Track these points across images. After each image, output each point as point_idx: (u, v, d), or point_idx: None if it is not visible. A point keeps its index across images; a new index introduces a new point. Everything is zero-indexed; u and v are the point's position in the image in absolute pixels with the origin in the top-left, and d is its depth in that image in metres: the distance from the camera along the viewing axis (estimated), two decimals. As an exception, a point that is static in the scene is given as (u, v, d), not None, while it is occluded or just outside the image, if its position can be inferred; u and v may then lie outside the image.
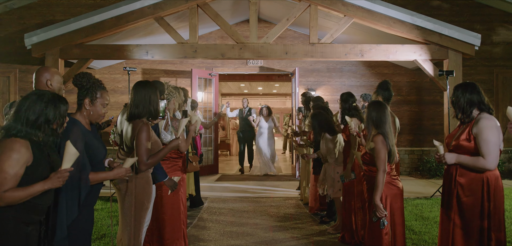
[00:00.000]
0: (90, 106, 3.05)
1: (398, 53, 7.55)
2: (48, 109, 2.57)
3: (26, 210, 2.50)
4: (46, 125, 2.56)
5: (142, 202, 3.43)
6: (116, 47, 7.69)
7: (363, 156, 3.82)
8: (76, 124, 2.97)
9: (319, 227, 5.87)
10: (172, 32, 7.50)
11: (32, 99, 2.57)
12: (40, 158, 2.53)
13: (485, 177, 3.26)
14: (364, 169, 3.86)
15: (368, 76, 10.98)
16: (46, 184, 2.47)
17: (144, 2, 7.32)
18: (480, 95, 3.38)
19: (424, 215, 6.32)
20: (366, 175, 3.82)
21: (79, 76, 3.06)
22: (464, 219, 3.33)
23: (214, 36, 11.05)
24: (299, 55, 7.60)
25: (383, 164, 3.51)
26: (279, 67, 11.08)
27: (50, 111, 2.57)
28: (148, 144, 3.32)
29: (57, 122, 2.62)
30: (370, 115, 3.67)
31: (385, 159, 3.52)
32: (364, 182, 3.89)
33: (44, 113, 2.55)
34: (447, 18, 9.31)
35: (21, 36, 7.93)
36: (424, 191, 8.38)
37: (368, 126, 3.76)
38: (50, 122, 2.57)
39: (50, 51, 7.46)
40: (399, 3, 8.14)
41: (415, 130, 10.89)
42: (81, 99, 3.06)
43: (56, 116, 2.60)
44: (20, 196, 2.41)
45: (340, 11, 7.43)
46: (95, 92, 3.05)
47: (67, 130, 2.86)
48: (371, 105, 3.75)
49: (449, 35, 7.34)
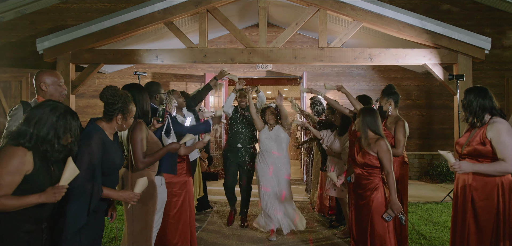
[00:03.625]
0: (123, 121, 3.07)
1: (408, 57, 7.52)
2: (58, 124, 2.57)
3: (23, 219, 2.51)
4: (56, 139, 2.57)
5: (145, 204, 3.41)
6: (126, 51, 7.76)
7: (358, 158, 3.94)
8: (98, 132, 2.98)
9: (328, 232, 5.87)
10: (181, 37, 7.55)
11: (45, 111, 2.58)
12: (41, 169, 2.54)
13: (500, 181, 3.25)
14: (359, 172, 3.91)
15: (377, 80, 10.95)
16: (41, 198, 2.47)
17: (154, 7, 7.38)
18: (491, 100, 3.39)
19: (434, 220, 6.28)
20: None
21: (110, 93, 3.04)
22: (479, 224, 3.32)
23: (223, 40, 11.10)
24: (308, 60, 7.61)
25: (391, 165, 3.73)
26: (288, 71, 11.10)
27: (60, 127, 2.58)
28: (143, 141, 3.35)
29: (68, 138, 2.63)
30: (365, 120, 3.86)
31: (392, 161, 3.75)
32: (361, 183, 3.94)
33: (53, 128, 2.56)
34: (457, 22, 9.27)
35: (33, 41, 8.03)
36: (434, 195, 8.33)
37: (364, 131, 3.87)
38: (60, 138, 2.58)
39: (62, 55, 7.54)
40: (408, 7, 8.13)
41: (425, 135, 10.83)
42: (111, 113, 3.03)
43: (66, 131, 2.61)
44: (13, 204, 2.41)
45: (349, 15, 7.43)
46: (127, 109, 3.07)
47: (89, 136, 2.89)
48: (365, 111, 3.92)
49: (459, 39, 7.30)
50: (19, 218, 2.48)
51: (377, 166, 3.82)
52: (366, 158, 3.82)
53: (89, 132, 2.91)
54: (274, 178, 5.64)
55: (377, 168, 3.83)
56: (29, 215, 2.52)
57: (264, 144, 5.70)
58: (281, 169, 5.64)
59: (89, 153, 2.86)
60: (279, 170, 5.64)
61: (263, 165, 5.69)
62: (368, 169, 3.85)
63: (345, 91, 5.06)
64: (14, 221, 2.47)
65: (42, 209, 2.57)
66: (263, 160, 5.69)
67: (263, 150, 5.71)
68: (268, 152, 5.65)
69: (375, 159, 3.79)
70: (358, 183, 3.95)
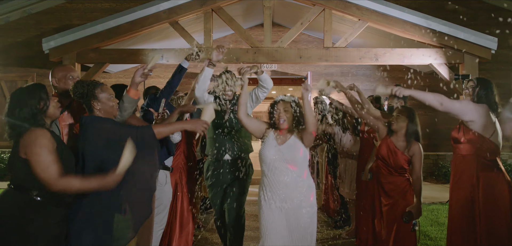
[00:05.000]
0: (99, 104, 2.96)
1: (413, 57, 7.50)
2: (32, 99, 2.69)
3: (50, 215, 2.62)
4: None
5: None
6: (131, 51, 7.78)
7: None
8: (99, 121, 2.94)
9: (333, 232, 5.86)
10: (187, 37, 7.56)
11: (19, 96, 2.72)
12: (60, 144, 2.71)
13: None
14: (385, 171, 3.88)
15: (382, 80, 10.91)
16: (103, 181, 2.62)
17: (159, 7, 7.40)
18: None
19: (439, 221, 6.26)
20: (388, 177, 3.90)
21: (74, 88, 2.99)
22: (493, 224, 3.35)
23: (228, 40, 11.11)
24: (313, 59, 7.60)
25: (421, 170, 3.80)
26: (293, 71, 11.09)
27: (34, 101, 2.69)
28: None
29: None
30: (412, 122, 3.93)
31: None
32: (387, 183, 3.93)
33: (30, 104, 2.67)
34: (463, 22, 9.18)
35: (38, 40, 8.06)
36: (439, 196, 8.29)
37: (407, 132, 3.92)
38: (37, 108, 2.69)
39: (67, 55, 7.58)
40: (413, 7, 8.08)
41: (430, 135, 10.76)
42: (88, 105, 2.97)
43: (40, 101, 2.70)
44: (77, 187, 2.58)
45: (354, 15, 7.42)
46: (94, 91, 2.96)
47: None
48: (411, 113, 3.97)
49: (465, 39, 7.27)
50: (48, 210, 2.58)
51: (406, 168, 3.85)
52: (398, 160, 3.83)
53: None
54: (289, 232, 3.37)
55: (406, 170, 3.86)
56: (57, 209, 2.63)
57: (270, 166, 3.38)
58: (300, 213, 3.34)
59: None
60: (297, 214, 3.33)
61: (269, 209, 3.36)
62: (399, 170, 3.87)
63: (358, 90, 4.96)
64: (42, 215, 2.57)
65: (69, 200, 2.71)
66: (270, 196, 3.37)
67: (269, 176, 3.38)
68: (278, 181, 3.33)
69: (406, 162, 3.82)
70: (384, 184, 3.94)
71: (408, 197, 3.83)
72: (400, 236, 3.77)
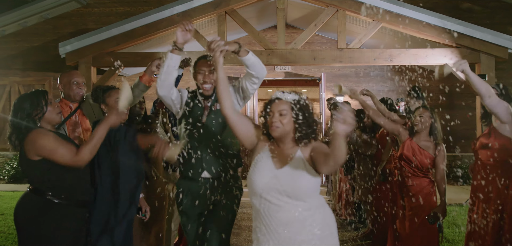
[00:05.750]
0: (106, 108, 3.20)
1: (428, 57, 7.42)
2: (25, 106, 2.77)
3: (69, 214, 2.69)
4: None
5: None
6: (146, 54, 7.85)
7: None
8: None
9: (349, 234, 5.82)
10: (200, 39, 7.60)
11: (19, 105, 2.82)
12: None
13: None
14: (409, 172, 3.86)
15: (396, 81, 10.83)
16: (107, 122, 2.77)
17: (173, 10, 7.46)
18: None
19: (456, 223, 6.18)
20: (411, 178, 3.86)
21: (92, 93, 3.22)
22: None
23: (242, 42, 10.91)
24: (327, 61, 7.58)
25: (444, 170, 3.74)
26: (306, 73, 11.07)
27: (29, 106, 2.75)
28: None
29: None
30: (435, 121, 3.91)
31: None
32: (411, 185, 3.89)
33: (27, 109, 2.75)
34: (479, 21, 9.09)
35: (55, 45, 8.19)
36: (456, 198, 8.19)
37: (433, 131, 3.89)
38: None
39: (83, 59, 7.68)
40: (428, 7, 8.00)
41: (446, 136, 10.65)
42: (101, 109, 3.24)
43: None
44: (89, 148, 2.67)
45: (368, 15, 7.38)
46: (103, 95, 3.20)
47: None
48: (433, 112, 3.95)
49: (481, 38, 7.18)
50: (65, 211, 2.65)
51: (429, 168, 3.81)
52: (423, 160, 3.79)
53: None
54: None
55: (429, 170, 3.83)
56: (75, 210, 2.70)
57: (262, 199, 2.34)
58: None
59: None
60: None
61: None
62: (424, 171, 3.83)
63: (370, 94, 4.95)
64: (61, 213, 2.64)
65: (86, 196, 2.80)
66: (264, 243, 2.33)
67: (262, 212, 2.34)
68: (274, 219, 2.29)
69: (431, 162, 3.78)
70: (408, 186, 3.90)
71: (432, 198, 3.79)
72: (424, 237, 3.74)
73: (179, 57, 2.91)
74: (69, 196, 2.65)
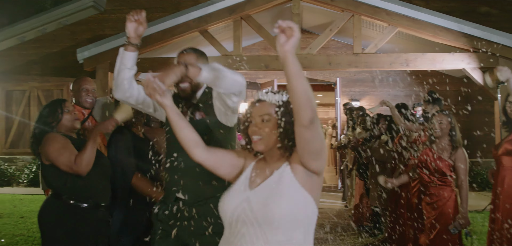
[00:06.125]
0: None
1: (445, 62, 7.34)
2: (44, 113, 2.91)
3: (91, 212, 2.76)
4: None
5: None
6: (162, 60, 7.91)
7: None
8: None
9: (365, 240, 5.79)
10: (216, 45, 7.64)
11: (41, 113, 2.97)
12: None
13: None
14: (428, 179, 3.80)
15: (413, 85, 10.75)
16: (97, 129, 2.86)
17: (189, 16, 7.51)
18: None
19: (475, 229, 6.09)
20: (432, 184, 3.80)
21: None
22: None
23: (257, 47, 11.17)
24: (342, 66, 7.55)
25: (466, 176, 3.62)
26: (322, 78, 11.04)
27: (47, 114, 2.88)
28: None
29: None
30: (454, 126, 3.83)
31: (467, 172, 3.65)
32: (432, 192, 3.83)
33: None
34: (497, 25, 8.97)
35: (73, 51, 8.31)
36: (474, 204, 8.04)
37: (452, 136, 3.82)
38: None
39: (101, 65, 7.78)
40: (445, 11, 7.93)
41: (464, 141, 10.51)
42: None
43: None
44: (86, 157, 2.67)
45: (384, 20, 7.33)
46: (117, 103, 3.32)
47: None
48: (452, 117, 3.88)
49: (499, 42, 7.08)
50: (83, 214, 2.70)
51: (449, 175, 3.72)
52: (441, 166, 3.72)
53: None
54: None
55: (448, 177, 3.73)
56: (94, 212, 2.74)
57: (231, 225, 1.75)
58: None
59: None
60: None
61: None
62: (442, 178, 3.74)
63: (390, 105, 4.95)
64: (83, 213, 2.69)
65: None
66: None
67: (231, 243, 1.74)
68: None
69: (450, 168, 3.70)
70: (428, 195, 3.83)
71: (453, 206, 3.69)
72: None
73: (132, 55, 2.47)
74: (86, 199, 2.69)
